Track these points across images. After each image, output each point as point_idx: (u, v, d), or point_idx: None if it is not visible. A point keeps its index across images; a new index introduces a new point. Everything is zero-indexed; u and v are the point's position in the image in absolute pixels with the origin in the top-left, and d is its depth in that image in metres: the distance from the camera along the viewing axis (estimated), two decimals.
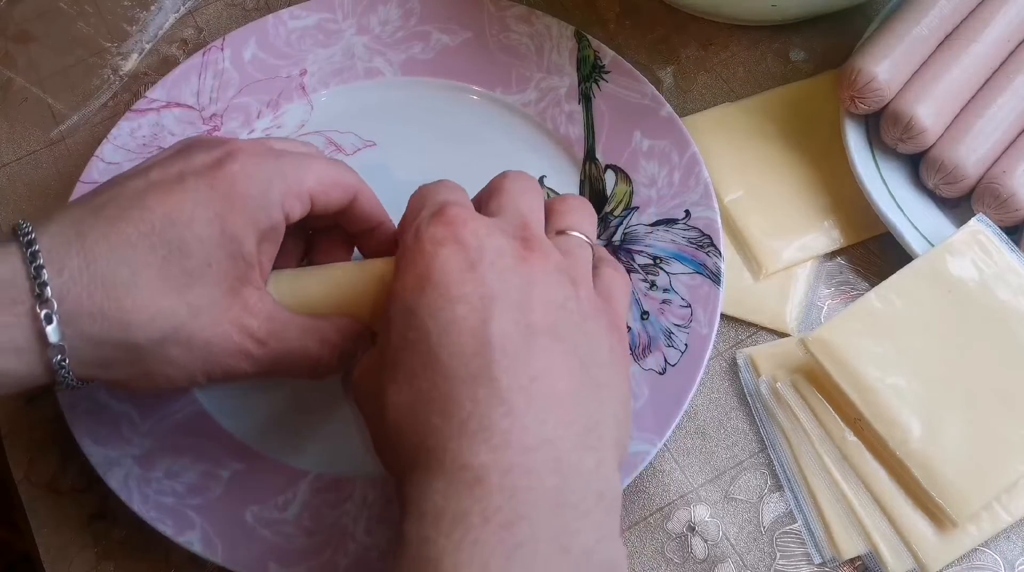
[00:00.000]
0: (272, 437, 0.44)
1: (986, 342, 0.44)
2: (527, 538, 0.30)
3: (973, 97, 0.48)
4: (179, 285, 0.35)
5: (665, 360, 0.44)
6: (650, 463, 0.43)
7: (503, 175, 0.40)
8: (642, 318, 0.46)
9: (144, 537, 0.43)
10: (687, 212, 0.48)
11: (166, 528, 0.42)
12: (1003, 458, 0.42)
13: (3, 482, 0.47)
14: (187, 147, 0.38)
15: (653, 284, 0.46)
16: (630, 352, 0.45)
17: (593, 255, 0.39)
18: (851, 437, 0.43)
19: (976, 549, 0.42)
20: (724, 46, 0.56)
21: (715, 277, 0.46)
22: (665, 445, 0.45)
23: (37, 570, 0.45)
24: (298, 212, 0.38)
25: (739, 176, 0.51)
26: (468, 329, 0.33)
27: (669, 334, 0.45)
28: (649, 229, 0.48)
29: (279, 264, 0.45)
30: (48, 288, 0.33)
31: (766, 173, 0.51)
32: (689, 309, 0.45)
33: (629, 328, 0.46)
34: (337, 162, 0.41)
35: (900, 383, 0.43)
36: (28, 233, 0.34)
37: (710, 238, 0.47)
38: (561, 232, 0.39)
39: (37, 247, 0.34)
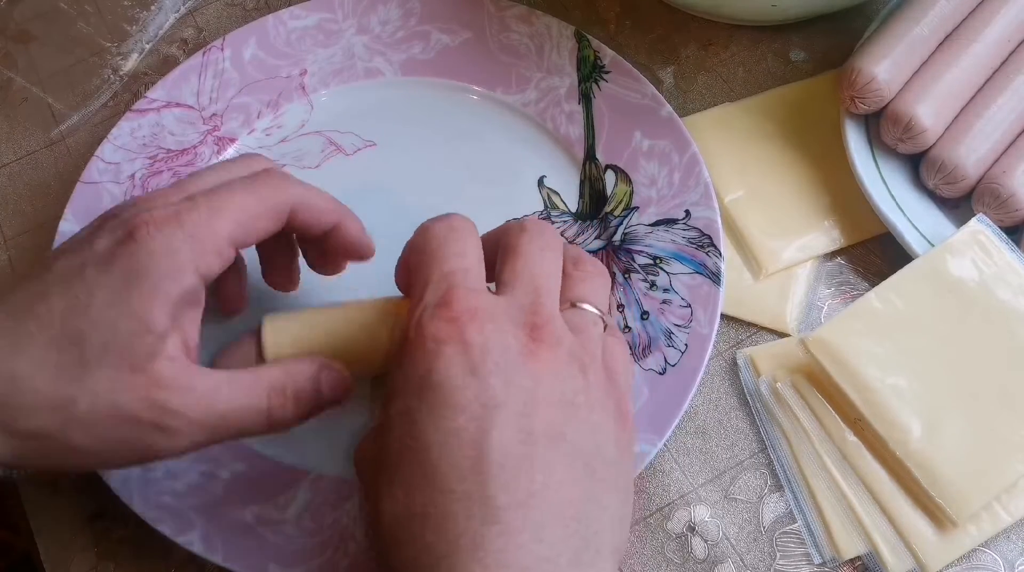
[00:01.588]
0: (272, 437, 0.44)
1: (986, 342, 0.44)
2: None
3: (973, 97, 0.48)
4: (77, 373, 0.34)
5: (665, 360, 0.44)
6: (650, 463, 0.43)
7: (521, 230, 0.38)
8: (642, 318, 0.46)
9: (144, 537, 0.43)
10: (687, 212, 0.48)
11: (166, 528, 0.42)
12: (1003, 458, 0.42)
13: (3, 482, 0.47)
14: (97, 227, 0.37)
15: (653, 284, 0.47)
16: (631, 350, 0.45)
17: (605, 329, 0.38)
18: (851, 437, 0.43)
19: (976, 549, 0.42)
20: (724, 46, 0.56)
21: (715, 277, 0.46)
22: (665, 445, 0.45)
23: (37, 570, 0.45)
24: (218, 265, 0.37)
25: (739, 176, 0.51)
26: (467, 441, 0.32)
27: (669, 334, 0.45)
28: (649, 229, 0.48)
29: (274, 280, 0.45)
30: None
31: (766, 173, 0.51)
32: (689, 309, 0.45)
33: (629, 328, 0.46)
34: (259, 183, 0.38)
35: (900, 383, 0.43)
36: None
37: (710, 238, 0.47)
38: (574, 304, 0.37)
39: None
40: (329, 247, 0.42)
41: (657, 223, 0.48)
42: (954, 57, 0.48)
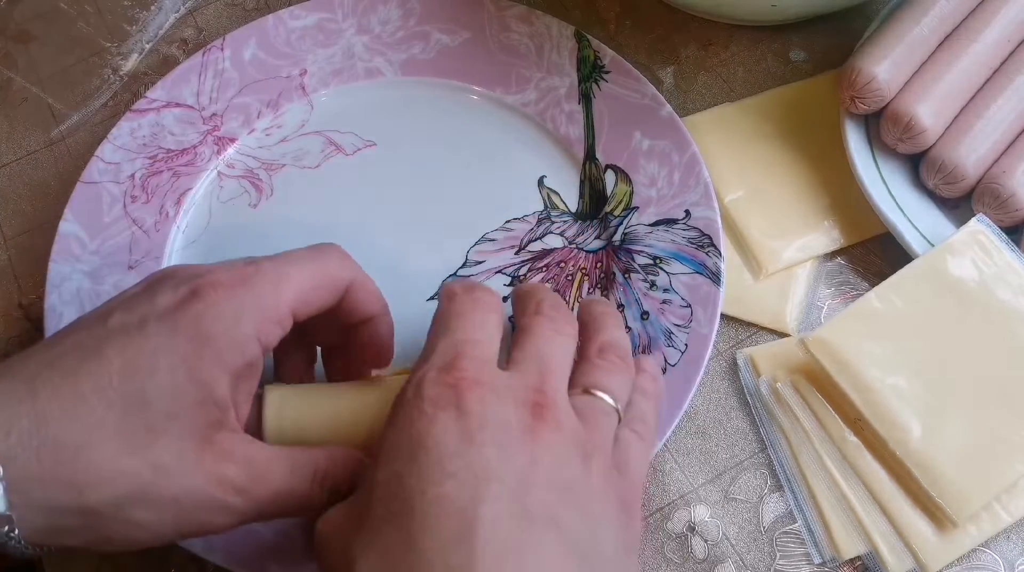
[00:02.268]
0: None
1: (986, 342, 0.44)
2: None
3: (973, 97, 0.48)
4: (140, 443, 0.31)
5: (665, 360, 0.44)
6: (650, 463, 0.43)
7: (537, 311, 0.37)
8: (642, 318, 0.46)
9: None
10: (687, 212, 0.48)
11: None
12: (1003, 458, 0.42)
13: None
14: (154, 283, 0.35)
15: (653, 284, 0.46)
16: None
17: (620, 418, 0.36)
18: (851, 437, 0.43)
19: (976, 549, 0.42)
20: (724, 46, 0.56)
21: (715, 277, 0.46)
22: (665, 445, 0.45)
23: (37, 570, 0.45)
24: (278, 336, 0.35)
25: (739, 176, 0.51)
26: (455, 511, 0.30)
27: (669, 334, 0.45)
28: (649, 229, 0.48)
29: (287, 377, 0.42)
30: None
31: (766, 173, 0.51)
32: (689, 309, 0.45)
33: (629, 329, 0.46)
34: (324, 255, 0.37)
35: (900, 383, 0.43)
36: None
37: (710, 238, 0.47)
38: (587, 391, 0.36)
39: None
40: (358, 340, 0.40)
41: (657, 223, 0.48)
42: (954, 57, 0.48)
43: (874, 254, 0.49)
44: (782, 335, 0.48)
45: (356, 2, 0.55)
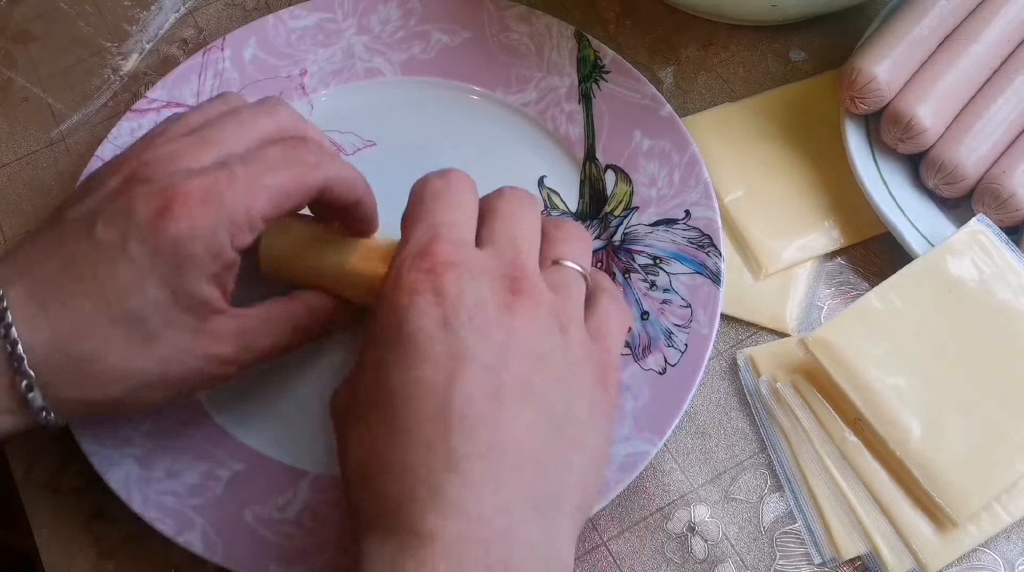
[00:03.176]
0: (272, 437, 0.44)
1: (986, 342, 0.44)
2: None
3: (973, 97, 0.48)
4: (144, 346, 0.36)
5: (665, 360, 0.44)
6: (650, 463, 0.43)
7: (499, 194, 0.38)
8: (642, 318, 0.46)
9: (144, 537, 0.43)
10: (687, 212, 0.48)
11: (166, 528, 0.42)
12: (1003, 458, 0.42)
13: (3, 482, 0.47)
14: (130, 182, 0.37)
15: (653, 284, 0.46)
16: (631, 350, 0.45)
17: (588, 285, 0.38)
18: (851, 437, 0.43)
19: (976, 549, 0.42)
20: (724, 46, 0.56)
21: (715, 277, 0.46)
22: (665, 445, 0.45)
23: (37, 570, 0.45)
24: (250, 238, 0.38)
25: (739, 176, 0.51)
26: (432, 390, 0.32)
27: (669, 334, 0.45)
28: (649, 229, 0.48)
29: None
30: (24, 362, 0.35)
31: (766, 173, 0.51)
32: (689, 309, 0.45)
33: (629, 328, 0.46)
34: (301, 157, 0.39)
35: (900, 383, 0.43)
36: (2, 304, 0.35)
37: (710, 238, 0.47)
38: (556, 262, 0.37)
39: (10, 320, 0.35)
40: (341, 218, 0.42)
41: (657, 223, 0.48)
42: (954, 57, 0.48)
43: (874, 254, 0.49)
44: (782, 335, 0.48)
45: (356, 2, 0.55)
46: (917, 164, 0.49)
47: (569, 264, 0.37)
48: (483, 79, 0.53)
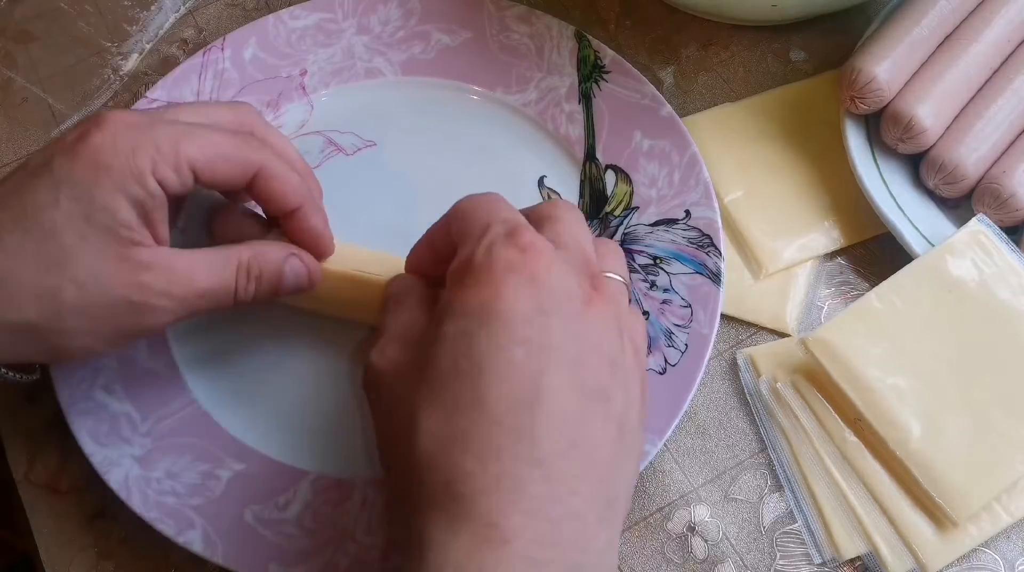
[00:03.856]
0: (272, 437, 0.44)
1: (986, 342, 0.44)
2: None
3: (973, 97, 0.48)
4: (58, 263, 0.36)
5: (665, 360, 0.44)
6: (650, 463, 0.43)
7: (553, 204, 0.38)
8: None
9: (144, 537, 0.43)
10: (687, 212, 0.48)
11: (166, 528, 0.42)
12: (1003, 458, 0.42)
13: (3, 482, 0.47)
14: (75, 125, 0.38)
15: (653, 284, 0.46)
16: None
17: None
18: (851, 437, 0.43)
19: (976, 549, 0.42)
20: (724, 46, 0.56)
21: (715, 277, 0.46)
22: (665, 445, 0.45)
23: (37, 570, 0.45)
24: (175, 182, 0.37)
25: (739, 176, 0.51)
26: (523, 376, 0.31)
27: (669, 334, 0.45)
28: (649, 229, 0.48)
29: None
30: None
31: (766, 173, 0.51)
32: (689, 309, 0.45)
33: None
34: (242, 136, 0.40)
35: (900, 383, 0.43)
36: None
37: (710, 238, 0.47)
38: (604, 274, 0.37)
39: None
40: (288, 231, 0.42)
41: (657, 223, 0.48)
42: (954, 57, 0.48)
43: (874, 254, 0.49)
44: (782, 335, 0.48)
45: (356, 2, 0.55)
46: (917, 164, 0.49)
47: (615, 277, 0.37)
48: (483, 79, 0.53)
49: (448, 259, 0.35)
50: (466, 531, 0.30)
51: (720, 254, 0.46)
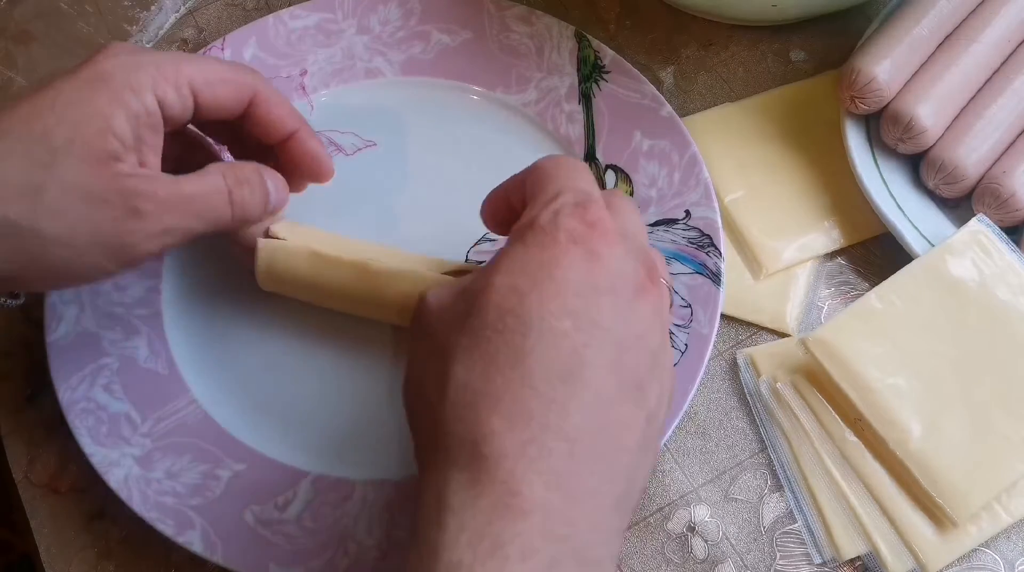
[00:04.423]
0: (272, 437, 0.44)
1: (986, 342, 0.44)
2: None
3: (973, 97, 0.48)
4: (44, 161, 0.36)
5: None
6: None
7: (616, 193, 0.37)
8: None
9: (144, 537, 0.43)
10: (687, 212, 0.48)
11: (166, 528, 0.42)
12: (1003, 458, 0.42)
13: (3, 482, 0.47)
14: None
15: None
16: None
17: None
18: (851, 437, 0.43)
19: (976, 549, 0.42)
20: (724, 46, 0.56)
21: (715, 277, 0.46)
22: (665, 445, 0.45)
23: (37, 570, 0.45)
24: (176, 102, 0.38)
25: (739, 176, 0.51)
26: (567, 347, 0.31)
27: (669, 334, 0.45)
28: (649, 229, 0.48)
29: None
30: None
31: (766, 173, 0.51)
32: (689, 309, 0.45)
33: None
34: (235, 64, 0.42)
35: (900, 383, 0.43)
36: None
37: (710, 238, 0.47)
38: None
39: None
40: (285, 159, 0.43)
41: (657, 223, 0.48)
42: (954, 57, 0.48)
43: (874, 254, 0.49)
44: (782, 335, 0.48)
45: (356, 2, 0.55)
46: (917, 164, 0.49)
47: (663, 281, 0.37)
48: (483, 79, 0.53)
49: (519, 213, 0.35)
50: (486, 496, 0.29)
51: (720, 254, 0.46)
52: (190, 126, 0.43)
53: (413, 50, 0.54)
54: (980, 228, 0.45)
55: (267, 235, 0.43)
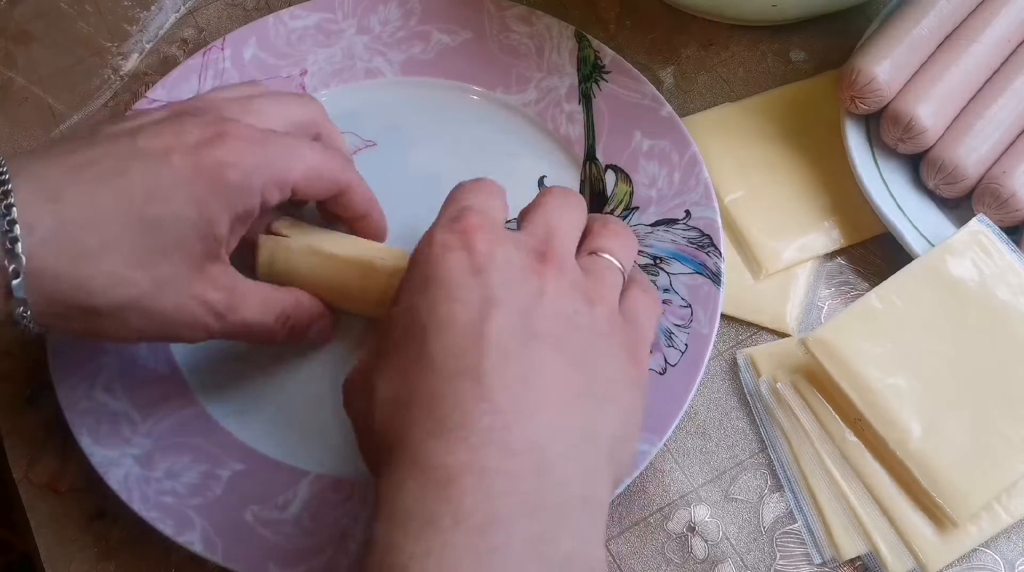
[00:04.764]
0: (272, 437, 0.44)
1: (986, 342, 0.44)
2: (501, 543, 0.29)
3: (973, 97, 0.48)
4: (148, 260, 0.36)
5: (665, 360, 0.44)
6: (650, 463, 0.43)
7: (547, 190, 0.39)
8: None
9: (144, 537, 0.43)
10: (687, 212, 0.48)
11: (166, 528, 0.42)
12: (1003, 458, 0.42)
13: (3, 482, 0.47)
14: (179, 114, 0.38)
15: (653, 284, 0.46)
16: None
17: (624, 279, 0.39)
18: (851, 437, 0.43)
19: (976, 549, 0.42)
20: (724, 46, 0.56)
21: (715, 277, 0.46)
22: (665, 445, 0.45)
23: (37, 570, 0.45)
24: (276, 199, 0.39)
25: (739, 176, 0.51)
26: (463, 327, 0.32)
27: (669, 334, 0.45)
28: (649, 229, 0.48)
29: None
30: (19, 244, 0.33)
31: (766, 173, 0.51)
32: (689, 309, 0.45)
33: None
34: (331, 153, 0.42)
35: (900, 383, 0.43)
36: (5, 182, 0.34)
37: (710, 238, 0.47)
38: (592, 253, 0.38)
39: (12, 201, 0.34)
40: (353, 227, 0.44)
41: (657, 223, 0.48)
42: (954, 57, 0.48)
43: (874, 254, 0.49)
44: (782, 335, 0.48)
45: (356, 2, 0.55)
46: (917, 164, 0.49)
47: (606, 256, 0.38)
48: (483, 79, 0.53)
49: None
50: (413, 478, 0.30)
51: (720, 254, 0.46)
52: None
53: (413, 50, 0.54)
54: (980, 228, 0.45)
55: (269, 231, 0.43)
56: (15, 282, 0.34)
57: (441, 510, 0.29)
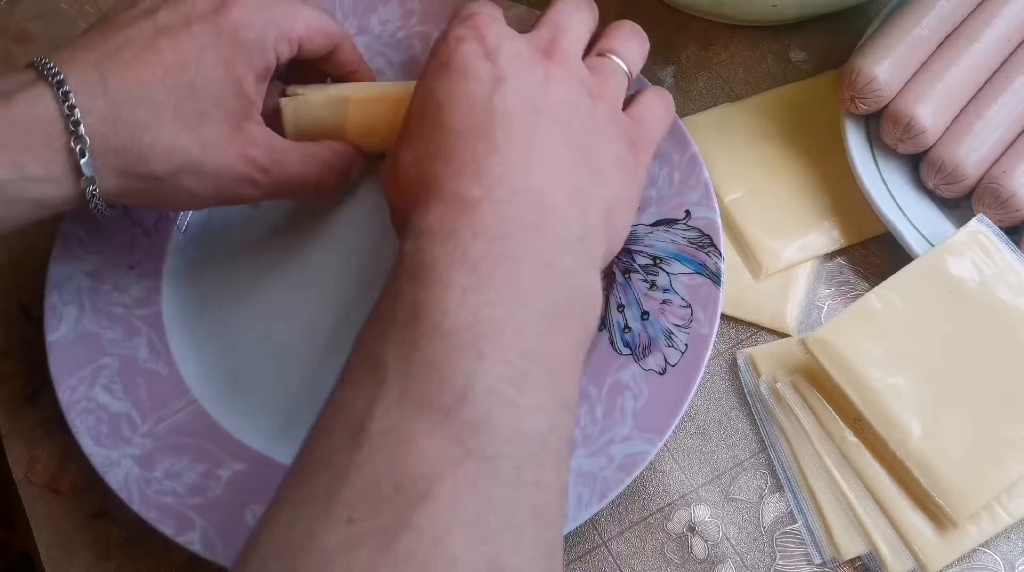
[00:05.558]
0: (272, 437, 0.44)
1: (986, 342, 0.44)
2: (512, 251, 0.34)
3: (973, 97, 0.48)
4: (191, 123, 0.39)
5: (665, 360, 0.44)
6: (650, 463, 0.43)
7: None
8: (642, 318, 0.46)
9: (144, 537, 0.43)
10: (687, 212, 0.48)
11: (166, 528, 0.42)
12: (1003, 458, 0.42)
13: (3, 482, 0.47)
14: None
15: (653, 284, 0.46)
16: (631, 350, 0.45)
17: (630, 81, 0.42)
18: (851, 437, 0.43)
19: (976, 549, 0.42)
20: (724, 46, 0.56)
21: (715, 277, 0.46)
22: (665, 445, 0.45)
23: (37, 570, 0.45)
24: (286, 55, 0.42)
25: (739, 176, 0.51)
26: (476, 101, 0.36)
27: (669, 334, 0.45)
28: (649, 229, 0.48)
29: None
30: (81, 126, 0.37)
31: (766, 173, 0.51)
32: (689, 309, 0.45)
33: (629, 328, 0.46)
34: (323, 12, 0.45)
35: (900, 383, 0.43)
36: (56, 74, 0.38)
37: (710, 238, 0.47)
38: (600, 54, 0.42)
39: (68, 88, 0.37)
40: (335, 71, 0.47)
41: (657, 223, 0.48)
42: (954, 57, 0.48)
43: (874, 254, 0.49)
44: (782, 335, 0.48)
45: (356, 2, 0.55)
46: (917, 164, 0.49)
47: (613, 58, 0.41)
48: None
49: None
50: (438, 207, 0.35)
51: (720, 254, 0.46)
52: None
53: (413, 50, 0.54)
54: (980, 228, 0.45)
55: (283, 94, 0.45)
56: (83, 161, 0.37)
57: (463, 226, 0.34)
